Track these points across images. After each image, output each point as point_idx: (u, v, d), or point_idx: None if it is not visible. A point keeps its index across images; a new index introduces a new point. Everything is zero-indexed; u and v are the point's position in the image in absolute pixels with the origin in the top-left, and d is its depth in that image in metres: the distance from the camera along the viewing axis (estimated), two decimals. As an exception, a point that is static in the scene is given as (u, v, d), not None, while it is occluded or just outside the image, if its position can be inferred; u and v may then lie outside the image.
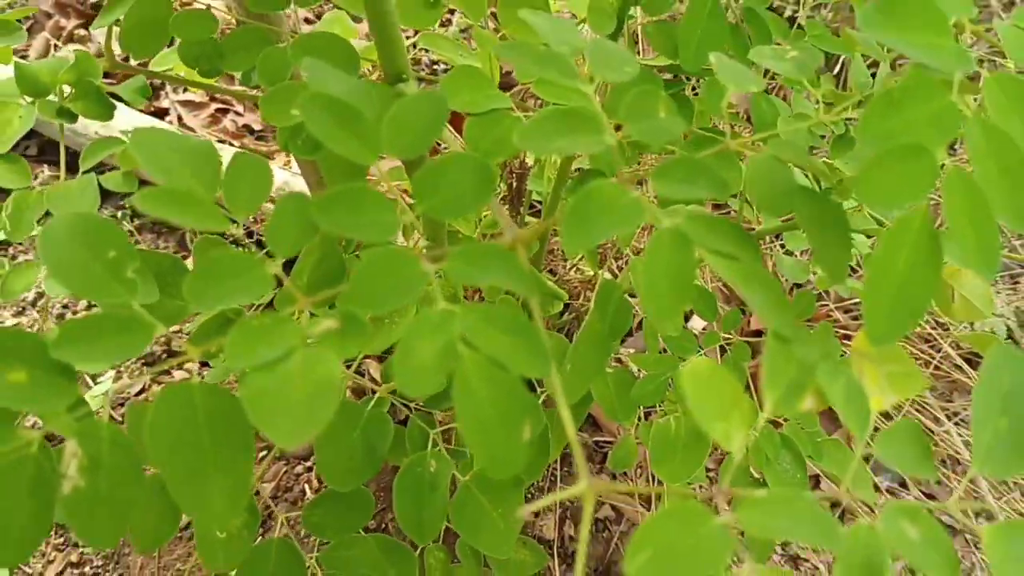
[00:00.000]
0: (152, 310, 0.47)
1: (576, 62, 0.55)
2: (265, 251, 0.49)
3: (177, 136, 0.49)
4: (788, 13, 2.00)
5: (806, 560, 1.24)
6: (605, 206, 0.47)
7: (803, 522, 0.40)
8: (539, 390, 0.89)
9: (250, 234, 1.45)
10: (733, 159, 0.62)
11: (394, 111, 0.49)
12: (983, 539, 0.41)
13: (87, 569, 1.15)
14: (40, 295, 1.44)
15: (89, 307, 1.49)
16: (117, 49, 0.68)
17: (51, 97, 0.65)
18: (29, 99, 0.65)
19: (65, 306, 1.46)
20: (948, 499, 0.44)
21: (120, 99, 0.78)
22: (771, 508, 0.40)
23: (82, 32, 1.74)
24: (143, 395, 1.34)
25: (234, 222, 0.47)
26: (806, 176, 0.83)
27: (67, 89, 0.65)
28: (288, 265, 0.51)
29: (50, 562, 1.15)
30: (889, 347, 0.46)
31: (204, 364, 1.30)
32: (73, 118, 0.64)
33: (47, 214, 0.62)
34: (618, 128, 0.53)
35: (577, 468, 0.45)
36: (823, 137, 0.88)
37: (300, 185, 1.44)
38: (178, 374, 1.40)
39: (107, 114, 0.65)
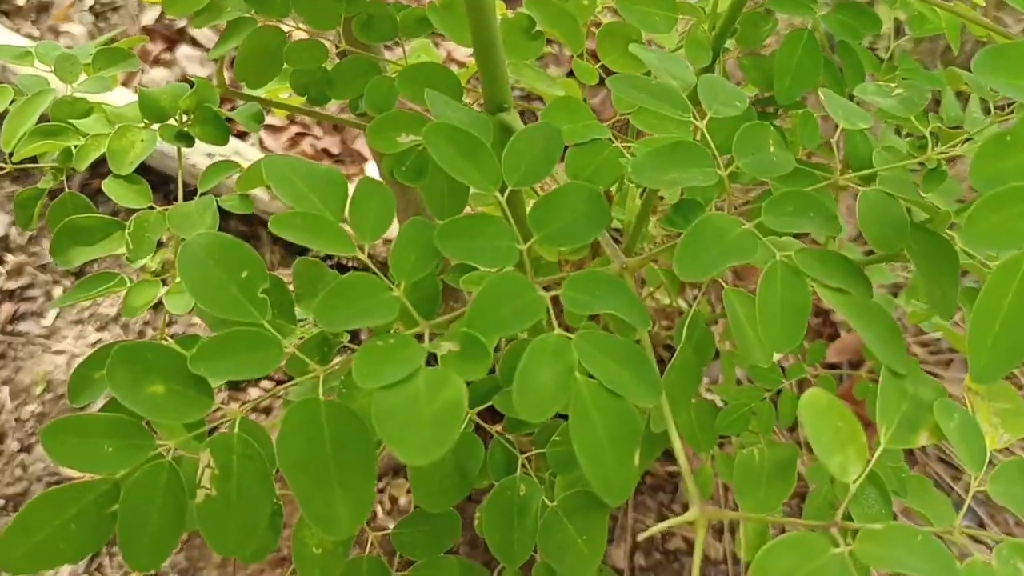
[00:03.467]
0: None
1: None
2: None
3: (305, 163, 0.51)
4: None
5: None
6: (719, 237, 0.48)
7: (921, 556, 0.40)
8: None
9: (327, 256, 1.48)
10: (831, 194, 0.63)
11: (512, 143, 0.51)
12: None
13: (163, 582, 1.18)
14: (119, 313, 1.49)
15: (169, 322, 1.53)
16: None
17: (170, 122, 0.68)
18: (150, 124, 0.68)
19: (146, 323, 1.51)
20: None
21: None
22: (889, 541, 0.41)
23: (167, 56, 1.80)
24: (219, 411, 1.37)
25: (360, 247, 0.49)
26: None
27: (185, 115, 0.68)
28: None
29: (127, 574, 1.18)
30: (999, 386, 0.47)
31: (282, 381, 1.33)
32: (191, 142, 0.67)
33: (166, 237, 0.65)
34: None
35: (688, 495, 0.46)
36: (914, 171, 0.88)
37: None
38: (253, 391, 1.43)
39: (224, 138, 0.68)
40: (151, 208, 0.64)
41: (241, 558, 0.63)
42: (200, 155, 1.44)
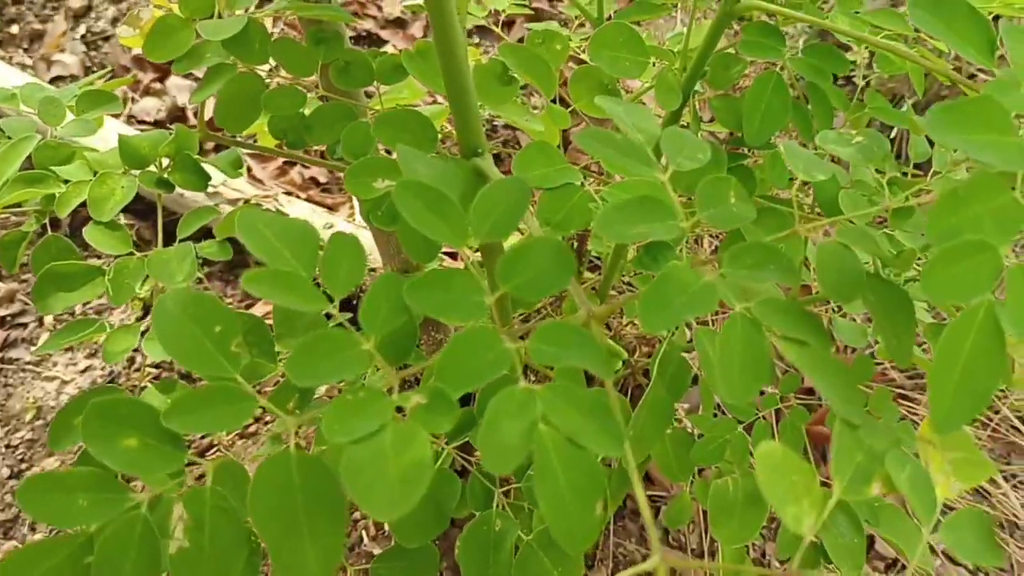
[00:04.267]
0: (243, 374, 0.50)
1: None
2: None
3: (279, 219, 0.52)
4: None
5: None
6: (681, 290, 0.49)
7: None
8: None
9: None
10: (799, 238, 0.64)
11: (480, 200, 0.53)
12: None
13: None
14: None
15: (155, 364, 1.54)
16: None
17: (151, 168, 0.69)
18: (130, 170, 0.69)
19: (136, 349, 1.52)
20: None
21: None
22: (840, 592, 0.42)
23: (157, 85, 1.82)
24: (207, 437, 1.38)
25: (331, 300, 0.50)
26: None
27: (165, 161, 0.70)
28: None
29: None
30: (955, 434, 0.48)
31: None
32: (171, 188, 0.68)
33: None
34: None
35: (649, 539, 0.47)
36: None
37: (365, 237, 1.49)
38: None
39: (202, 185, 0.69)
40: (131, 254, 0.66)
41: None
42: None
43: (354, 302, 0.51)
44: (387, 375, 0.51)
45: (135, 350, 1.52)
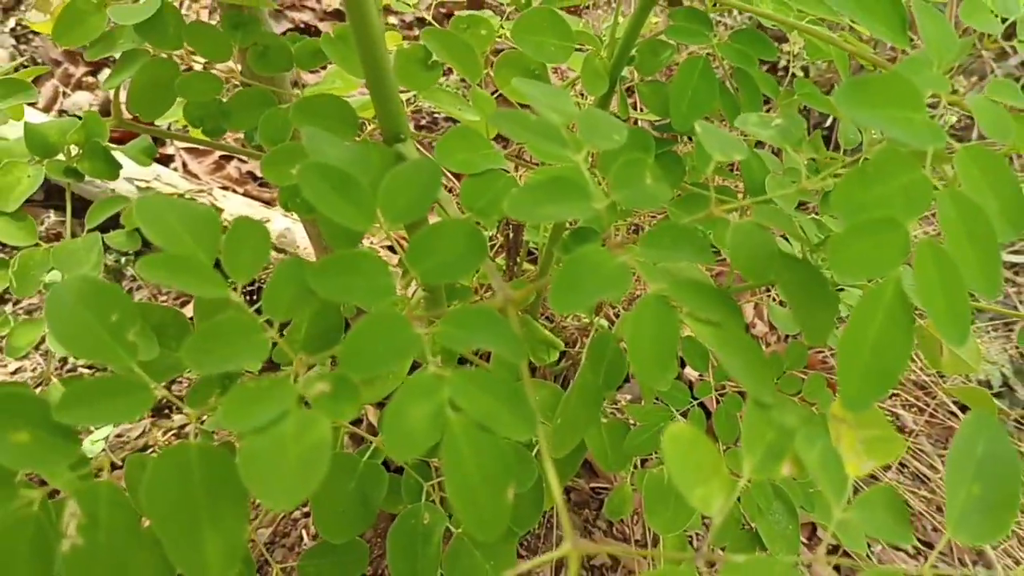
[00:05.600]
0: (151, 364, 0.48)
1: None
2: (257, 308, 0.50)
3: (179, 203, 0.51)
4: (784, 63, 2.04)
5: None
6: (593, 270, 0.48)
7: (780, 585, 0.41)
8: (535, 440, 0.90)
9: (249, 294, 1.47)
10: (724, 222, 0.64)
11: (388, 180, 0.51)
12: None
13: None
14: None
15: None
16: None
17: (59, 156, 0.67)
18: (37, 159, 0.67)
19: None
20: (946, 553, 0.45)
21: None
22: (750, 573, 0.41)
23: (90, 79, 1.77)
24: (143, 438, 1.35)
25: (234, 287, 0.49)
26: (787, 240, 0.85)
27: (74, 149, 0.67)
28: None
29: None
30: (868, 412, 0.48)
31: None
32: (80, 177, 0.66)
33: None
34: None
35: (564, 530, 0.46)
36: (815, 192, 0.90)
37: (301, 232, 1.46)
38: (178, 417, 1.41)
39: (113, 173, 0.67)
40: (37, 245, 0.63)
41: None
42: (120, 180, 1.42)
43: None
44: (295, 363, 0.49)
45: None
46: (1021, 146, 0.53)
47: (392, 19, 2.12)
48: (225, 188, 1.56)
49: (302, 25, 2.02)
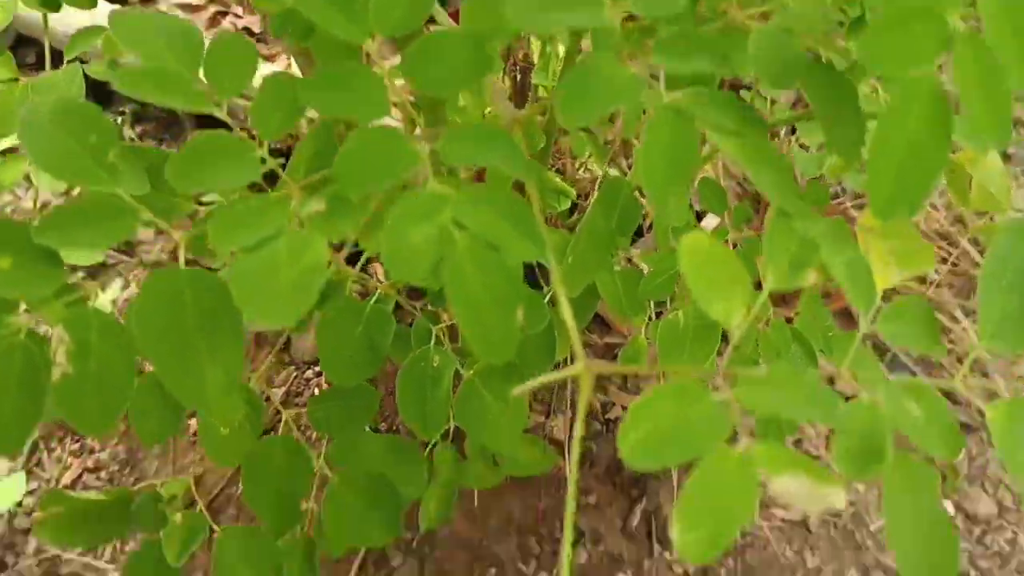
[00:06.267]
0: (144, 204, 0.46)
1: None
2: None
3: (156, 16, 0.47)
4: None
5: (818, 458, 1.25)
6: (603, 80, 0.45)
7: (802, 398, 0.39)
8: (545, 288, 0.88)
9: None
10: (742, 40, 0.59)
11: (381, -11, 0.47)
12: (988, 415, 0.40)
13: (103, 474, 1.17)
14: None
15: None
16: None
17: (33, -13, 0.63)
18: (10, -11, 0.62)
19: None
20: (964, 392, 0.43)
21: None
22: (771, 385, 0.39)
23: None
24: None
25: (218, 105, 0.45)
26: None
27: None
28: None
29: (66, 468, 1.17)
30: (897, 223, 0.45)
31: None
32: (57, 7, 0.62)
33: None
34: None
35: (575, 351, 0.44)
36: (840, 24, 0.84)
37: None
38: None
39: (90, 2, 0.63)
40: (16, 80, 0.60)
41: (141, 440, 0.62)
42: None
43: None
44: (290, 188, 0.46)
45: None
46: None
47: None
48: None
49: None
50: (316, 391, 1.20)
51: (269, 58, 1.52)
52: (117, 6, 0.72)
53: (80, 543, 0.66)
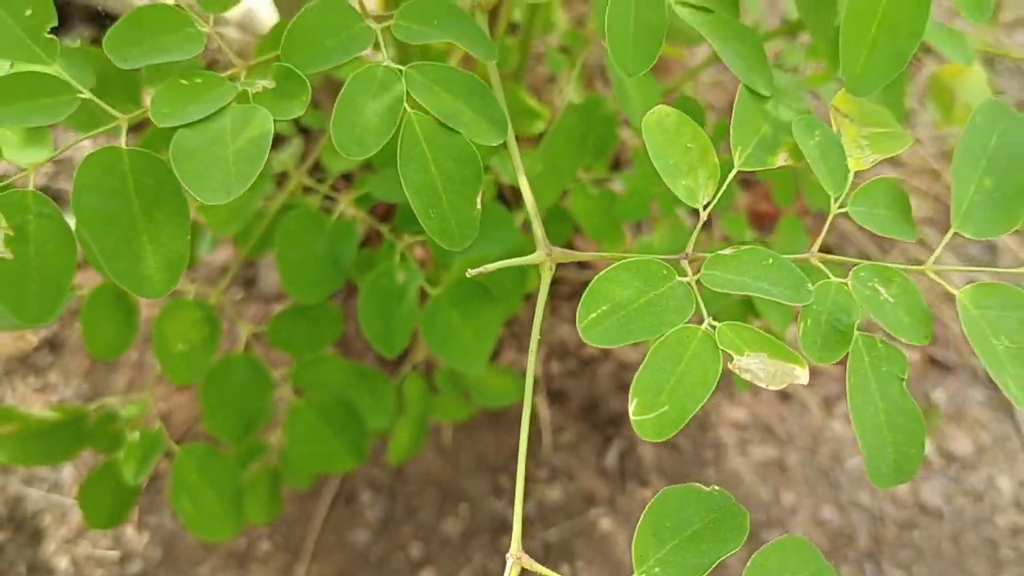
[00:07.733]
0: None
1: None
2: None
3: None
4: None
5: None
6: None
7: (769, 278, 0.37)
8: (513, 208, 0.86)
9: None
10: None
11: None
12: (957, 299, 0.39)
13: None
14: None
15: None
16: None
17: None
18: None
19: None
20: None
21: None
22: (738, 265, 0.38)
23: None
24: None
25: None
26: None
27: None
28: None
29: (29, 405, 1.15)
30: (873, 108, 0.43)
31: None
32: None
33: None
34: None
35: (536, 239, 0.42)
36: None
37: (266, 13, 1.38)
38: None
39: None
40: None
41: (93, 354, 0.60)
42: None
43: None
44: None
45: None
46: None
47: None
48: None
49: None
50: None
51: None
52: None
53: (32, 461, 0.64)
